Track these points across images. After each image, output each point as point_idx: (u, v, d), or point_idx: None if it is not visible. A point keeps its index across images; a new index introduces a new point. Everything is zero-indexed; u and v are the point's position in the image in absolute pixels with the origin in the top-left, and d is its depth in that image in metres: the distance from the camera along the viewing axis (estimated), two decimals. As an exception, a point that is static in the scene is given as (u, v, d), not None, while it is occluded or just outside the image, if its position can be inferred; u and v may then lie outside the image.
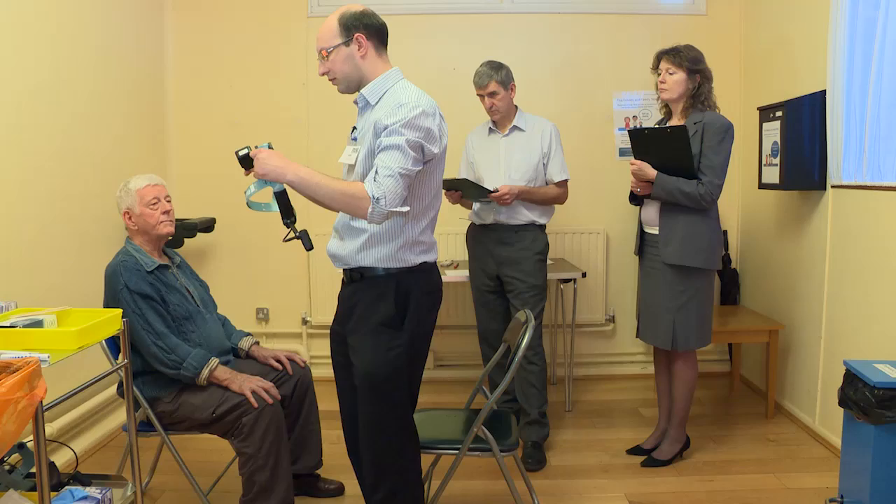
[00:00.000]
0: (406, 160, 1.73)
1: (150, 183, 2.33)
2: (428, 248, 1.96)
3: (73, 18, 2.97)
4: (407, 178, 1.74)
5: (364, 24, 1.86)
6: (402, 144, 1.73)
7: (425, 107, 1.79)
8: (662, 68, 2.66)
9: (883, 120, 2.64)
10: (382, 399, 1.90)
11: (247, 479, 2.15)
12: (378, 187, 1.70)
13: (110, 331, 1.92)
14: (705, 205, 2.59)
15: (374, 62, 1.89)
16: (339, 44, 1.86)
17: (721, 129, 2.57)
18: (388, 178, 1.70)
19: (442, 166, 1.96)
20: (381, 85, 1.89)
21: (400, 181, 1.72)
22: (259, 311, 4.06)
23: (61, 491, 1.90)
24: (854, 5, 2.71)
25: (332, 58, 1.88)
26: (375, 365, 1.88)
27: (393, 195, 1.70)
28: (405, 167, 1.73)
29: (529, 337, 2.10)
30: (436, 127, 1.82)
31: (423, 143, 1.77)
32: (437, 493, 2.15)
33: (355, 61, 1.87)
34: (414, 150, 1.75)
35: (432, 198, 1.93)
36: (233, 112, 3.93)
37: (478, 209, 3.02)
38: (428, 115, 1.79)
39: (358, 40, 1.86)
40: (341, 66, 1.88)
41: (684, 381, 2.77)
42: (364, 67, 1.88)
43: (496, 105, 2.91)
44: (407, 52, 3.92)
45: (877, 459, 1.97)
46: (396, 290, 1.89)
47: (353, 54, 1.87)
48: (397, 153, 1.73)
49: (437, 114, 1.85)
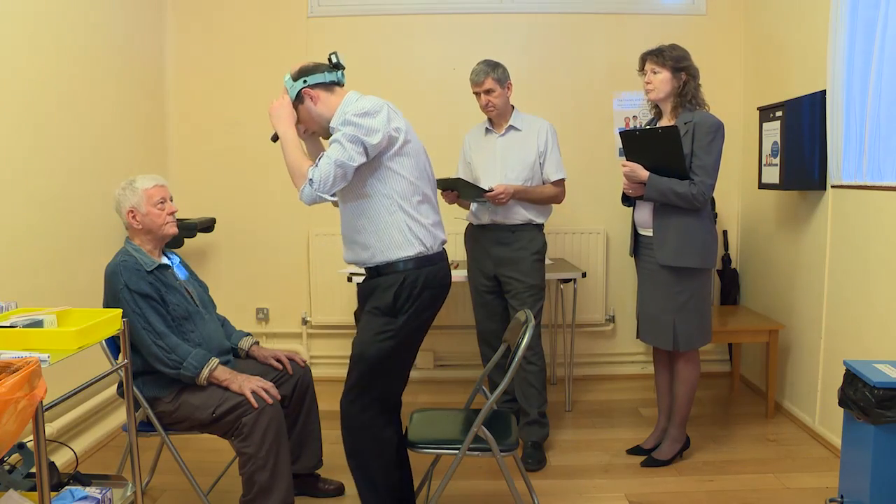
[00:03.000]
0: (343, 152, 1.95)
1: (158, 183, 2.34)
2: (429, 232, 2.13)
3: (73, 18, 2.98)
4: (342, 168, 1.96)
5: (304, 79, 2.09)
6: (339, 139, 1.96)
7: (367, 107, 1.98)
8: (647, 69, 2.67)
9: (883, 120, 2.64)
10: (365, 374, 2.09)
11: (247, 479, 2.15)
12: (315, 171, 1.96)
13: (110, 331, 1.92)
14: (698, 205, 2.59)
15: (327, 102, 2.11)
16: (296, 105, 2.12)
17: (711, 128, 2.58)
18: (326, 164, 1.95)
19: (415, 153, 2.11)
20: (342, 108, 2.07)
21: (334, 169, 1.95)
22: (259, 311, 4.07)
23: (61, 491, 1.90)
24: (854, 5, 2.71)
25: (301, 118, 2.14)
26: (364, 345, 2.09)
27: (325, 181, 1.95)
28: (342, 158, 1.95)
29: (529, 337, 2.11)
30: (378, 121, 1.98)
31: (360, 136, 1.96)
32: (437, 493, 2.15)
33: (315, 111, 2.12)
34: (352, 142, 1.95)
35: (412, 182, 2.08)
36: (233, 112, 3.93)
37: (475, 209, 3.03)
38: (368, 114, 1.97)
39: (307, 94, 2.10)
40: (309, 122, 2.15)
41: (686, 380, 2.77)
42: (322, 111, 2.12)
43: (492, 102, 2.91)
44: (407, 52, 3.94)
45: (877, 459, 1.97)
46: (401, 284, 2.06)
47: (309, 108, 2.12)
48: (336, 146, 1.97)
49: (383, 111, 2.01)
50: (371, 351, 2.08)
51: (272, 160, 3.96)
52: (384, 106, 2.03)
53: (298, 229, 3.98)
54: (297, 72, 2.12)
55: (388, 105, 2.05)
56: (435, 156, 3.66)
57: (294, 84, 2.10)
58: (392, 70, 3.91)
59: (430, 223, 2.14)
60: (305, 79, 2.09)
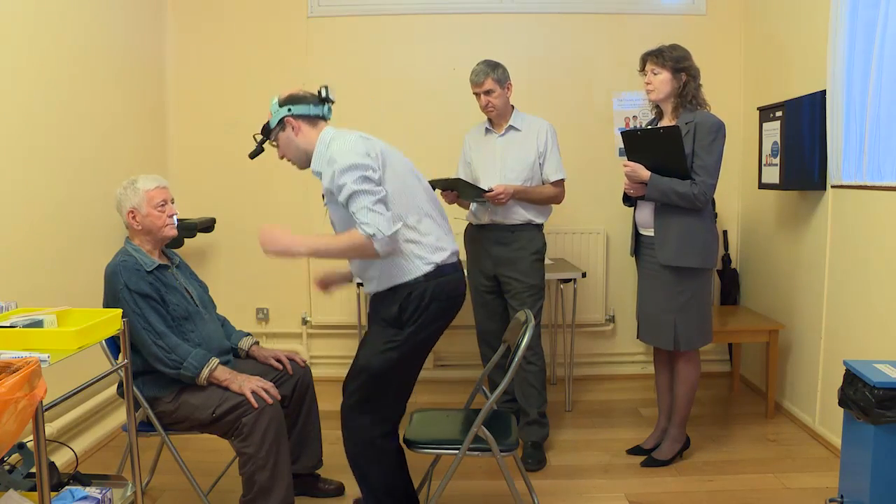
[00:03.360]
0: (366, 195, 1.94)
1: (159, 185, 2.33)
2: (434, 247, 2.09)
3: (73, 19, 2.98)
4: (381, 203, 1.95)
5: (288, 108, 2.09)
6: (353, 188, 1.94)
7: (349, 147, 1.99)
8: (648, 69, 2.68)
9: (883, 120, 2.64)
10: (368, 385, 2.09)
11: (247, 479, 2.15)
12: (367, 227, 1.92)
13: (110, 331, 1.92)
14: (699, 205, 2.59)
15: (308, 135, 2.11)
16: (276, 132, 2.12)
17: (713, 128, 2.58)
18: (367, 214, 1.92)
19: (401, 174, 2.10)
20: (320, 152, 2.08)
21: (375, 210, 1.93)
22: (259, 311, 4.07)
23: (61, 491, 1.90)
24: (854, 5, 2.71)
25: (279, 144, 2.15)
26: (369, 356, 2.10)
27: (380, 223, 1.92)
28: (371, 198, 1.93)
29: (529, 337, 2.11)
30: (362, 155, 1.98)
31: (365, 173, 1.96)
32: (437, 493, 2.15)
33: (295, 142, 2.12)
34: (363, 182, 1.95)
35: (404, 204, 2.06)
36: (232, 112, 3.93)
37: (474, 209, 3.03)
38: (352, 153, 1.98)
39: (288, 123, 2.10)
40: (287, 150, 2.15)
41: (687, 380, 2.77)
42: (304, 146, 2.12)
43: (492, 103, 2.91)
44: (407, 52, 3.94)
45: (877, 459, 1.97)
46: (408, 296, 2.06)
47: (290, 137, 2.11)
48: (357, 196, 1.94)
49: (357, 144, 2.01)
50: (376, 362, 2.08)
51: (272, 160, 3.97)
52: (358, 138, 2.03)
53: (298, 229, 3.95)
54: (284, 98, 2.11)
55: (357, 134, 2.06)
56: (435, 156, 3.70)
57: (279, 110, 2.10)
58: (392, 70, 3.91)
59: (435, 238, 2.11)
60: (290, 107, 2.09)
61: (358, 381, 2.12)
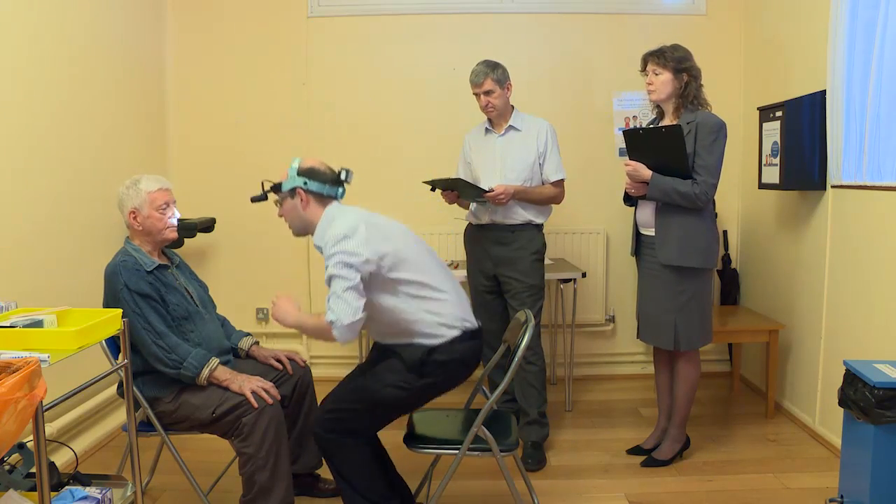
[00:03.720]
0: (342, 280, 1.97)
1: (162, 187, 2.32)
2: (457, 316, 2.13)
3: (73, 19, 2.98)
4: (352, 290, 1.97)
5: (305, 180, 2.12)
6: (333, 273, 1.98)
7: (345, 231, 2.00)
8: (649, 70, 2.67)
9: (883, 120, 2.64)
10: (358, 408, 2.10)
11: (247, 479, 2.15)
12: (330, 313, 1.97)
13: (110, 331, 1.92)
14: (700, 204, 2.59)
15: (313, 211, 2.15)
16: (285, 196, 2.16)
17: (714, 128, 2.58)
18: (335, 301, 1.97)
19: (414, 255, 2.12)
20: (322, 228, 2.12)
21: (342, 297, 1.96)
22: (259, 311, 4.06)
23: (61, 491, 1.90)
24: (854, 5, 2.71)
25: (282, 206, 2.19)
26: (376, 385, 2.10)
27: (343, 312, 1.95)
28: (344, 285, 1.97)
29: (529, 337, 2.11)
30: (355, 243, 1.99)
31: (347, 261, 1.98)
32: (437, 494, 2.15)
33: (299, 212, 2.15)
34: (345, 268, 1.97)
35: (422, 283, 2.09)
36: (233, 112, 3.93)
37: (474, 209, 3.02)
38: (346, 238, 1.99)
39: (299, 194, 2.13)
40: (289, 216, 2.19)
41: (687, 380, 2.77)
42: (307, 217, 2.15)
43: (492, 103, 2.91)
44: (407, 52, 3.94)
45: (877, 459, 1.96)
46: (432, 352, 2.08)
47: (296, 206, 2.15)
48: (333, 280, 1.99)
49: (357, 229, 2.02)
50: (383, 393, 2.08)
51: (272, 160, 3.97)
52: (359, 224, 2.02)
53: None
54: (305, 169, 2.13)
55: (365, 223, 2.04)
56: (435, 156, 3.71)
57: (295, 178, 2.13)
58: (392, 70, 3.91)
59: (452, 309, 2.13)
60: (307, 181, 2.12)
61: (349, 400, 2.11)
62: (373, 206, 3.37)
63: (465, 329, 2.12)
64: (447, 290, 2.14)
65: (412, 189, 3.26)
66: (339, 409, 2.11)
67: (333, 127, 3.96)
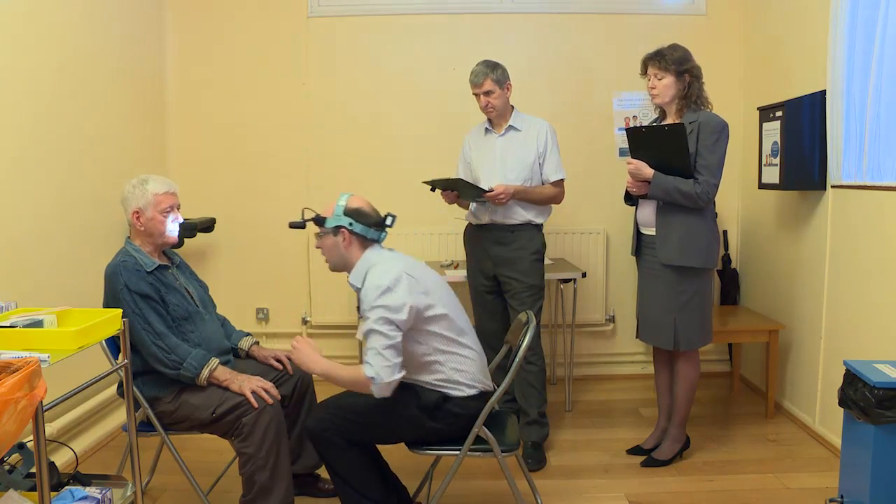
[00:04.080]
0: (381, 336, 1.98)
1: (169, 191, 2.31)
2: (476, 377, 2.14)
3: (73, 18, 2.98)
4: (392, 348, 1.98)
5: (351, 221, 2.12)
6: (373, 328, 1.99)
7: (389, 282, 2.00)
8: (650, 73, 2.67)
9: (883, 120, 2.64)
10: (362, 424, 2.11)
11: (247, 479, 2.15)
12: (370, 368, 1.98)
13: (110, 331, 1.92)
14: (702, 204, 2.59)
15: (355, 251, 2.15)
16: (328, 232, 2.14)
17: (716, 128, 2.58)
18: (374, 357, 1.98)
19: (448, 304, 2.13)
20: (360, 269, 2.12)
21: (382, 354, 1.97)
22: (259, 311, 4.07)
23: (61, 491, 1.90)
24: (854, 5, 2.71)
25: (322, 240, 2.18)
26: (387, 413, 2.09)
27: (382, 369, 1.96)
28: (383, 342, 1.97)
29: (530, 338, 2.11)
30: (399, 297, 2.00)
31: (389, 316, 1.98)
32: (438, 494, 2.15)
33: (340, 250, 2.15)
34: (386, 324, 1.98)
35: (450, 338, 2.10)
36: (233, 112, 3.93)
37: (474, 209, 3.02)
38: (389, 291, 1.99)
39: (343, 233, 2.12)
40: (329, 252, 2.18)
41: (686, 380, 2.77)
42: (347, 256, 2.15)
43: (491, 104, 2.91)
44: (407, 52, 3.94)
45: (877, 459, 1.96)
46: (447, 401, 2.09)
47: (338, 244, 2.14)
48: (374, 335, 1.99)
49: (400, 281, 2.02)
50: (387, 419, 2.09)
51: (272, 160, 3.99)
52: (402, 276, 2.03)
53: (298, 230, 3.97)
54: (352, 209, 2.12)
55: (407, 274, 2.04)
56: (435, 156, 3.71)
57: (341, 217, 2.12)
58: (392, 70, 3.91)
59: (474, 368, 2.14)
60: (353, 222, 2.11)
61: (362, 413, 2.10)
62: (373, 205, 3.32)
63: (482, 390, 2.14)
64: (473, 348, 2.16)
65: (412, 189, 3.26)
66: (345, 418, 2.09)
67: (333, 127, 3.96)
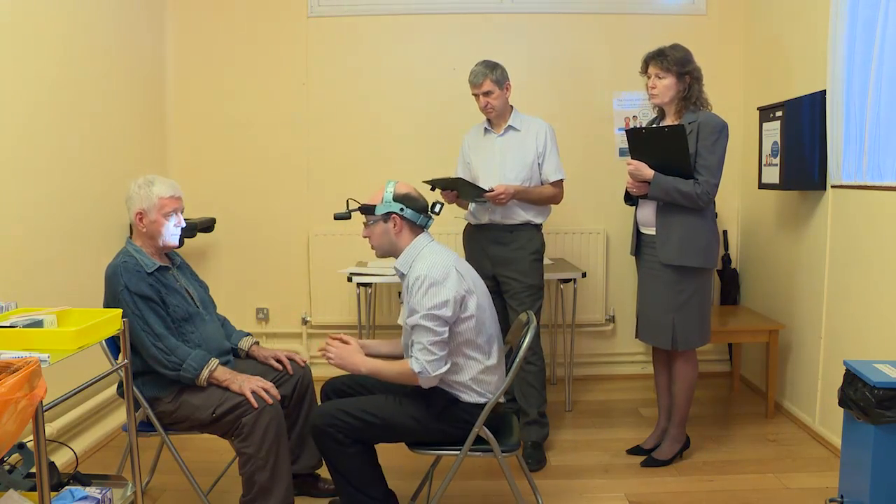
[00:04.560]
0: (429, 333, 2.02)
1: (174, 194, 2.30)
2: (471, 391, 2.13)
3: (73, 18, 2.98)
4: (438, 343, 2.02)
5: (402, 206, 2.14)
6: (421, 323, 2.02)
7: (435, 276, 2.03)
8: (651, 73, 2.66)
9: (883, 120, 2.64)
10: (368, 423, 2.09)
11: (247, 479, 2.15)
12: (417, 363, 2.03)
13: (110, 331, 1.92)
14: (702, 204, 2.59)
15: (405, 237, 2.17)
16: (378, 219, 2.16)
17: (716, 128, 2.58)
18: (421, 352, 2.03)
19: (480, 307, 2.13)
20: (409, 255, 2.15)
21: (430, 349, 2.02)
22: (259, 311, 4.07)
23: (61, 491, 1.90)
24: (854, 5, 2.71)
25: (371, 228, 2.19)
26: (393, 410, 2.11)
27: (429, 364, 2.02)
28: (430, 338, 2.02)
29: (530, 338, 2.11)
30: (447, 292, 2.03)
31: (436, 312, 2.01)
32: (438, 494, 2.15)
33: (390, 237, 2.17)
34: (433, 320, 2.02)
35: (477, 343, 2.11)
36: (232, 112, 3.93)
37: (473, 209, 3.02)
38: (436, 285, 2.03)
39: (394, 219, 2.14)
40: (378, 239, 2.19)
41: (685, 380, 2.77)
42: (397, 242, 2.17)
43: (491, 104, 2.91)
44: (407, 52, 3.94)
45: (877, 459, 1.96)
46: (457, 406, 2.11)
47: (388, 230, 2.16)
48: (421, 331, 2.03)
49: (449, 276, 2.05)
50: (395, 418, 2.09)
51: (272, 160, 3.99)
52: (451, 270, 2.06)
53: (298, 229, 3.98)
54: (401, 195, 2.15)
55: (451, 262, 2.08)
56: (434, 156, 3.71)
57: (391, 203, 2.13)
58: (392, 70, 3.91)
59: (493, 379, 2.15)
60: (404, 207, 2.13)
61: (371, 412, 2.10)
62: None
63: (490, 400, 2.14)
64: (496, 359, 2.16)
65: (412, 189, 3.26)
66: (350, 416, 2.09)
67: (333, 127, 3.96)
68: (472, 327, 2.09)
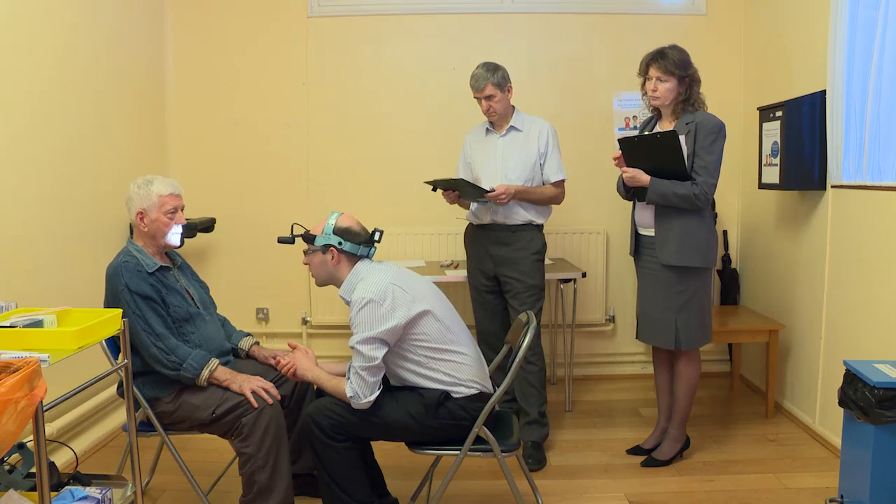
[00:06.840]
0: (362, 358, 2.04)
1: (174, 192, 2.30)
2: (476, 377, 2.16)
3: (73, 18, 2.98)
4: (370, 369, 2.04)
5: (340, 240, 2.15)
6: (356, 347, 2.05)
7: (372, 295, 2.04)
8: (652, 75, 2.66)
9: (883, 120, 2.64)
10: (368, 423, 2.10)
11: (247, 479, 2.15)
12: (349, 387, 2.07)
13: (110, 331, 1.92)
14: (700, 205, 2.59)
15: (342, 268, 2.19)
16: (316, 249, 2.18)
17: (714, 128, 2.58)
18: (354, 376, 2.06)
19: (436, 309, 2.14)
20: (351, 283, 2.16)
21: (360, 374, 2.04)
22: (259, 311, 4.07)
23: (61, 491, 1.90)
24: (854, 5, 2.71)
25: (310, 256, 2.21)
26: (394, 410, 2.11)
27: (361, 389, 2.05)
28: (364, 363, 2.04)
29: (530, 338, 2.11)
30: (383, 310, 2.04)
31: (369, 334, 2.03)
32: (438, 494, 2.15)
33: (328, 267, 2.19)
34: (368, 343, 2.03)
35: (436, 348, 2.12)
36: (233, 112, 3.93)
37: (475, 209, 3.02)
38: (373, 303, 2.04)
39: (332, 252, 2.16)
40: (317, 269, 2.21)
41: (687, 379, 2.77)
42: (335, 273, 2.19)
43: (493, 107, 2.91)
44: (407, 52, 3.94)
45: (877, 459, 1.97)
46: (448, 400, 2.11)
47: (326, 261, 2.18)
48: (356, 355, 2.06)
49: (387, 294, 2.05)
50: (392, 416, 2.10)
51: (272, 160, 3.99)
52: (388, 288, 2.06)
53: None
54: (342, 229, 2.16)
55: (394, 285, 2.07)
56: (435, 156, 3.71)
57: (330, 236, 2.15)
58: (392, 70, 3.91)
59: (469, 371, 2.15)
60: (342, 242, 2.15)
61: (364, 410, 2.09)
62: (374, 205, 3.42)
63: (481, 390, 2.15)
64: (467, 353, 2.17)
65: (412, 189, 3.27)
66: (347, 409, 2.09)
67: (333, 127, 3.96)
68: (434, 329, 2.10)
